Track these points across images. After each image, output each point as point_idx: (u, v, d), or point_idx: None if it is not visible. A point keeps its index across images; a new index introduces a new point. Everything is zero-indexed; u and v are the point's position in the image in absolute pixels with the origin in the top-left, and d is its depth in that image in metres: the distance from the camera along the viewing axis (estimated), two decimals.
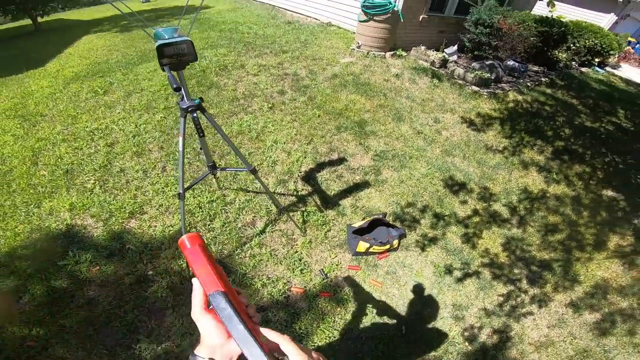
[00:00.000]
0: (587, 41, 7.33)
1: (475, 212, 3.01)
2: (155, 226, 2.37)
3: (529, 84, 5.64)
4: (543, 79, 6.08)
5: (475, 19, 5.82)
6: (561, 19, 6.57)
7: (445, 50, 5.93)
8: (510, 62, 5.87)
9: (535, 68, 6.73)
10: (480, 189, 3.28)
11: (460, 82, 5.05)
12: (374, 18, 5.11)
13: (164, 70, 1.25)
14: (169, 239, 2.29)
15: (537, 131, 4.41)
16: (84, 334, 1.82)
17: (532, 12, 7.36)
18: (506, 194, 3.31)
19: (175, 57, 1.25)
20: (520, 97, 5.13)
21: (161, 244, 2.26)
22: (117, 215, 2.42)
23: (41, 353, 1.74)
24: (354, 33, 5.91)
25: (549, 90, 5.75)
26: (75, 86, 4.21)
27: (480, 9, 5.84)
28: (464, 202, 3.10)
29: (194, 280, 0.53)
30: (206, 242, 2.21)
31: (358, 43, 5.47)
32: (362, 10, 5.23)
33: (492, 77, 5.19)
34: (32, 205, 2.50)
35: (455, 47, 6.02)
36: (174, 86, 1.16)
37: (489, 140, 4.04)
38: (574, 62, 7.55)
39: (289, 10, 8.75)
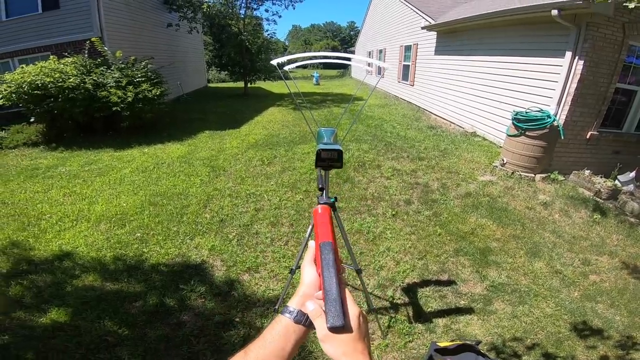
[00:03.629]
0: None
1: (604, 358, 2.35)
2: (261, 285, 2.78)
3: None
4: None
5: None
6: None
7: (619, 177, 4.89)
8: None
9: None
10: (622, 337, 2.55)
11: (632, 219, 4.05)
12: (526, 133, 4.71)
13: (316, 168, 1.42)
14: (266, 300, 2.64)
15: None
16: (154, 347, 2.10)
17: None
18: None
19: (327, 161, 1.41)
20: None
21: (257, 301, 2.62)
22: (239, 266, 2.97)
23: (110, 349, 2.05)
24: (500, 147, 5.49)
25: None
26: (252, 152, 5.62)
27: None
28: (592, 347, 2.44)
29: (310, 242, 0.61)
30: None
31: (503, 160, 5.09)
32: (513, 124, 4.86)
33: None
34: (188, 237, 3.34)
35: (633, 174, 4.87)
36: (320, 186, 1.27)
37: None
38: None
39: (433, 113, 8.94)
